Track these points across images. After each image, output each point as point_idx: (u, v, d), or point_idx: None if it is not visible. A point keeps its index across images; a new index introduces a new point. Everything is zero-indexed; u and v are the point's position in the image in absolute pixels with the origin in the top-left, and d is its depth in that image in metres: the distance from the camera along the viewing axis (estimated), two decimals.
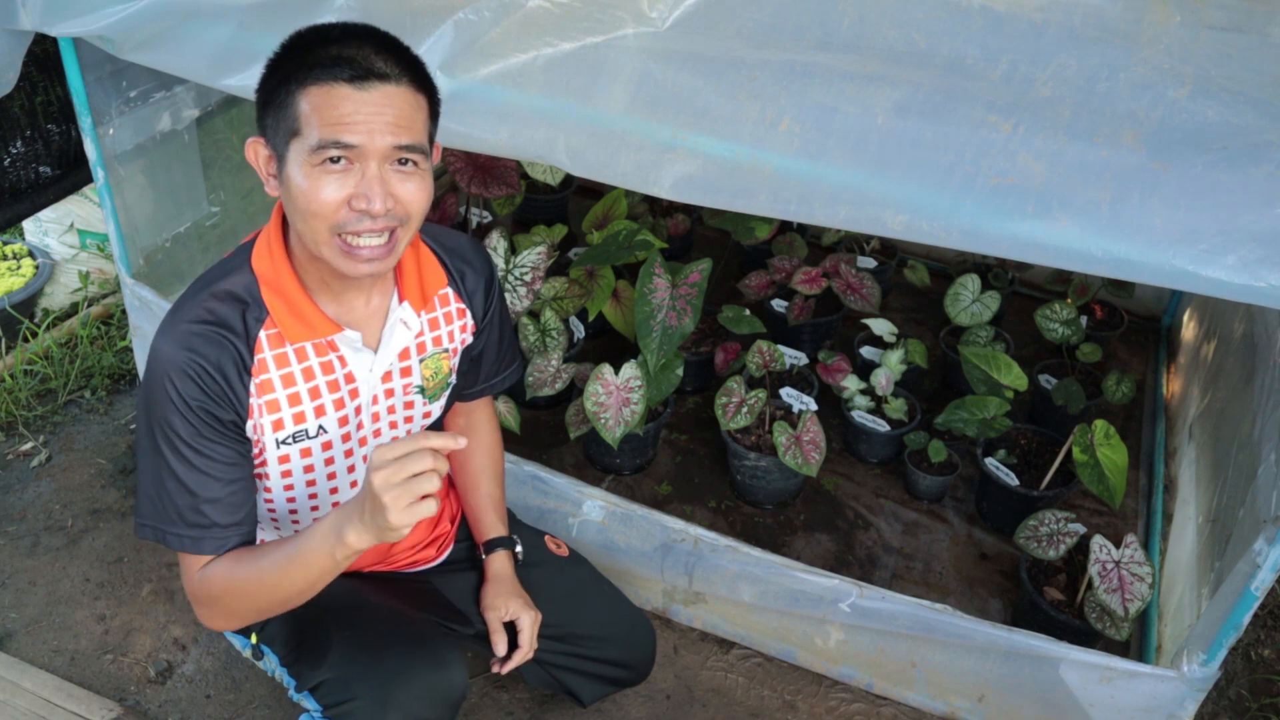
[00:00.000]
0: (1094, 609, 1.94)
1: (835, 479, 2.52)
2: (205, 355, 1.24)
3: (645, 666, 1.76)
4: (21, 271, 2.95)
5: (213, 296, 1.27)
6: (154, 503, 1.28)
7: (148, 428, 1.26)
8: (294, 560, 1.23)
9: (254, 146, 1.24)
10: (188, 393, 1.23)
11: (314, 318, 1.30)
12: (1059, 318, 2.71)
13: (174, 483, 1.26)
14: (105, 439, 2.55)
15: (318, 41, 1.17)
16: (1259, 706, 2.08)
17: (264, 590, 1.27)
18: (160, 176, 2.37)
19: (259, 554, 1.29)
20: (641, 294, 2.28)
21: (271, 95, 1.19)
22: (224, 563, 1.30)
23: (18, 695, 1.90)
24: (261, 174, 1.25)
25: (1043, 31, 1.29)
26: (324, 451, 1.39)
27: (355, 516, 1.16)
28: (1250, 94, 1.22)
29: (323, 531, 1.21)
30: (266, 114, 1.20)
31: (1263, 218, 1.21)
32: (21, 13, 1.81)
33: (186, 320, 1.25)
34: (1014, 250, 1.32)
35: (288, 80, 1.16)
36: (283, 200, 1.24)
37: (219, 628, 1.36)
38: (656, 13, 1.42)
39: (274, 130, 1.20)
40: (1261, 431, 1.87)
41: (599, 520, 2.03)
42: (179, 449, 1.25)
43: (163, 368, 1.23)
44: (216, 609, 1.32)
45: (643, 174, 1.50)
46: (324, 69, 1.15)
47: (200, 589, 1.30)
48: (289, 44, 1.19)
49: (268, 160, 1.23)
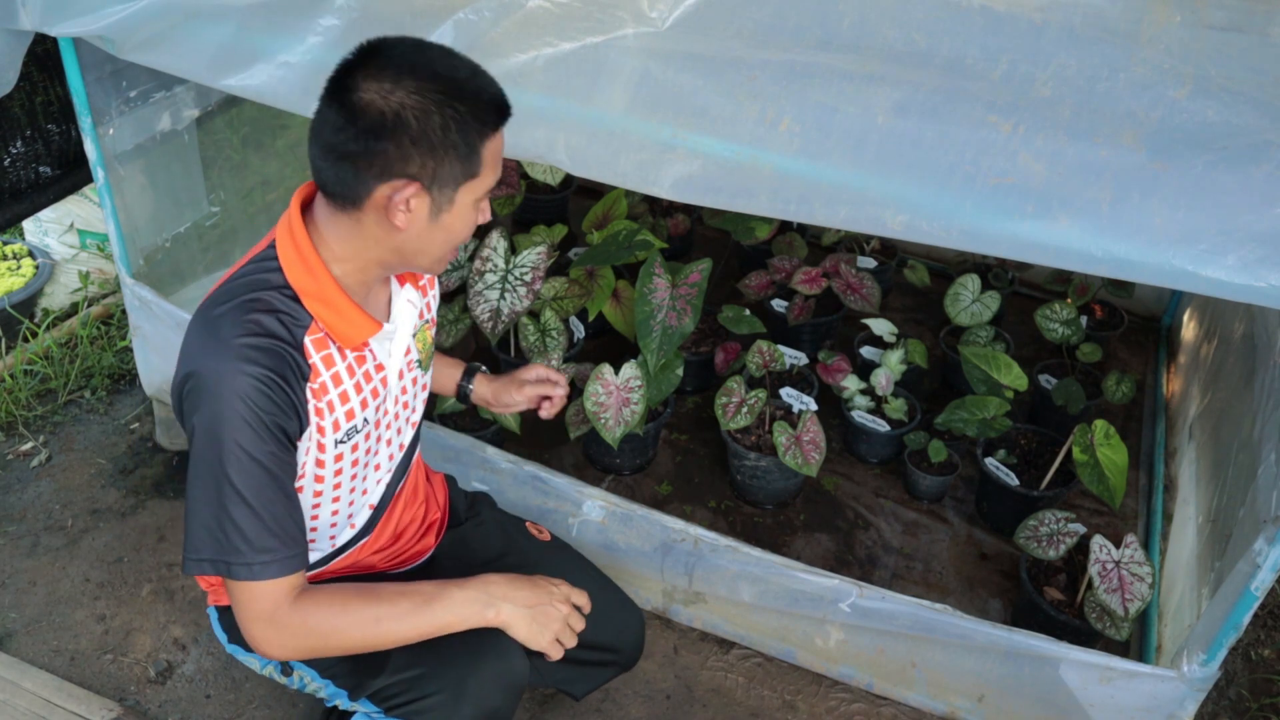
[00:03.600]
0: (1094, 609, 1.94)
1: (835, 479, 2.52)
2: (270, 367, 1.22)
3: (634, 650, 1.75)
4: (21, 271, 2.95)
5: (253, 311, 1.25)
6: (214, 535, 1.23)
7: (213, 457, 1.21)
8: (423, 610, 1.32)
9: (397, 191, 1.19)
10: (261, 407, 1.21)
11: (360, 320, 1.32)
12: (1059, 318, 2.71)
13: (242, 509, 1.22)
14: (105, 439, 2.55)
15: (482, 85, 1.21)
16: (1259, 706, 2.08)
17: (372, 634, 1.30)
18: (160, 176, 2.37)
19: (372, 597, 1.31)
20: (641, 294, 2.28)
21: (444, 140, 1.18)
22: (325, 601, 1.28)
23: (18, 695, 1.90)
24: (389, 212, 1.22)
25: (1043, 31, 1.29)
26: (365, 442, 1.42)
27: (523, 604, 1.37)
28: (1250, 94, 1.22)
29: (469, 595, 1.35)
30: (430, 158, 1.18)
31: (1263, 218, 1.21)
32: (21, 13, 1.81)
33: (236, 337, 1.22)
34: (1014, 250, 1.32)
35: (469, 129, 1.19)
36: (412, 230, 1.24)
37: (288, 657, 1.31)
38: (656, 13, 1.42)
39: (440, 173, 1.20)
40: (1261, 431, 1.87)
41: (599, 520, 2.03)
42: (248, 471, 1.22)
43: (229, 388, 1.20)
44: (304, 641, 1.29)
45: (643, 174, 1.50)
46: (500, 116, 1.22)
47: (293, 620, 1.27)
48: (452, 90, 1.18)
49: (413, 199, 1.21)
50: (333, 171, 1.21)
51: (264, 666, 1.57)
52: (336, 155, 1.19)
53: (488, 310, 2.34)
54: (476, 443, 2.11)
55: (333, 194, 1.24)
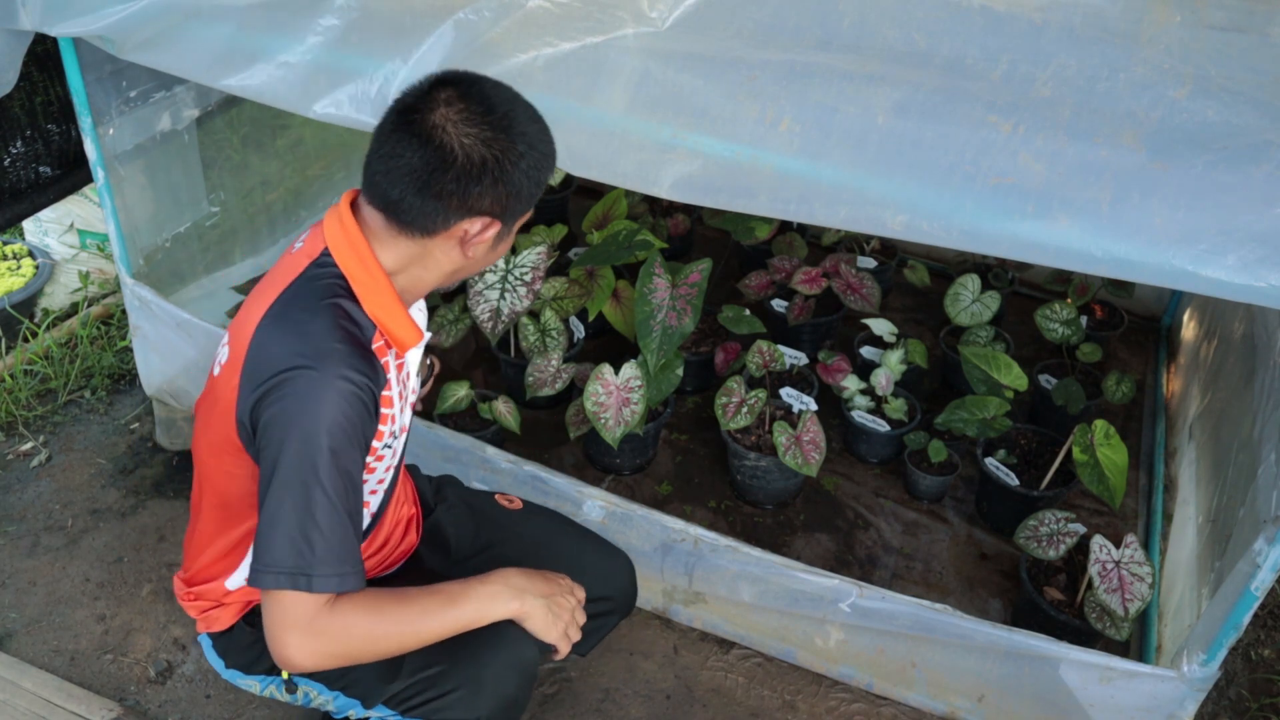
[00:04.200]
0: (1094, 609, 1.94)
1: (835, 479, 2.52)
2: (367, 375, 1.24)
3: (628, 595, 1.75)
4: (21, 271, 2.95)
5: (340, 318, 1.26)
6: (296, 545, 1.21)
7: (308, 463, 1.20)
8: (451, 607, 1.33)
9: (477, 227, 1.27)
10: (357, 415, 1.22)
11: (412, 329, 1.36)
12: (1059, 318, 2.70)
13: (330, 518, 1.22)
14: (105, 439, 2.55)
15: (547, 133, 1.30)
16: (1259, 706, 2.08)
17: (407, 635, 1.30)
18: (160, 176, 2.37)
19: (402, 599, 1.31)
20: (641, 294, 2.28)
21: (527, 184, 1.27)
22: (361, 606, 1.26)
23: (18, 695, 1.90)
24: (464, 244, 1.30)
25: (1043, 31, 1.29)
26: (391, 448, 1.43)
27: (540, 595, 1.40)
28: (1250, 94, 1.22)
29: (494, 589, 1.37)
30: (515, 199, 1.27)
31: (1263, 218, 1.21)
32: (21, 13, 1.80)
33: (334, 342, 1.23)
34: (1014, 250, 1.32)
35: (542, 174, 1.29)
36: (475, 258, 1.32)
37: (317, 666, 1.26)
38: (656, 13, 1.42)
39: (515, 209, 1.29)
40: (1261, 431, 1.87)
41: (599, 520, 2.03)
42: (339, 481, 1.22)
43: (332, 394, 1.20)
44: (340, 648, 1.26)
45: (643, 174, 1.50)
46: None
47: (332, 627, 1.24)
48: (533, 138, 1.26)
49: (487, 232, 1.29)
50: (415, 206, 1.24)
51: (265, 688, 1.56)
52: (426, 193, 1.23)
53: (488, 310, 2.34)
54: (476, 443, 2.11)
55: (407, 222, 1.26)
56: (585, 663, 2.04)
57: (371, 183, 1.26)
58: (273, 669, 1.53)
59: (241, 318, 1.32)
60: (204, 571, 1.49)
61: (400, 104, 1.24)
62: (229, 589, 1.49)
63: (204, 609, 1.52)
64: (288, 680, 1.53)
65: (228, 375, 1.29)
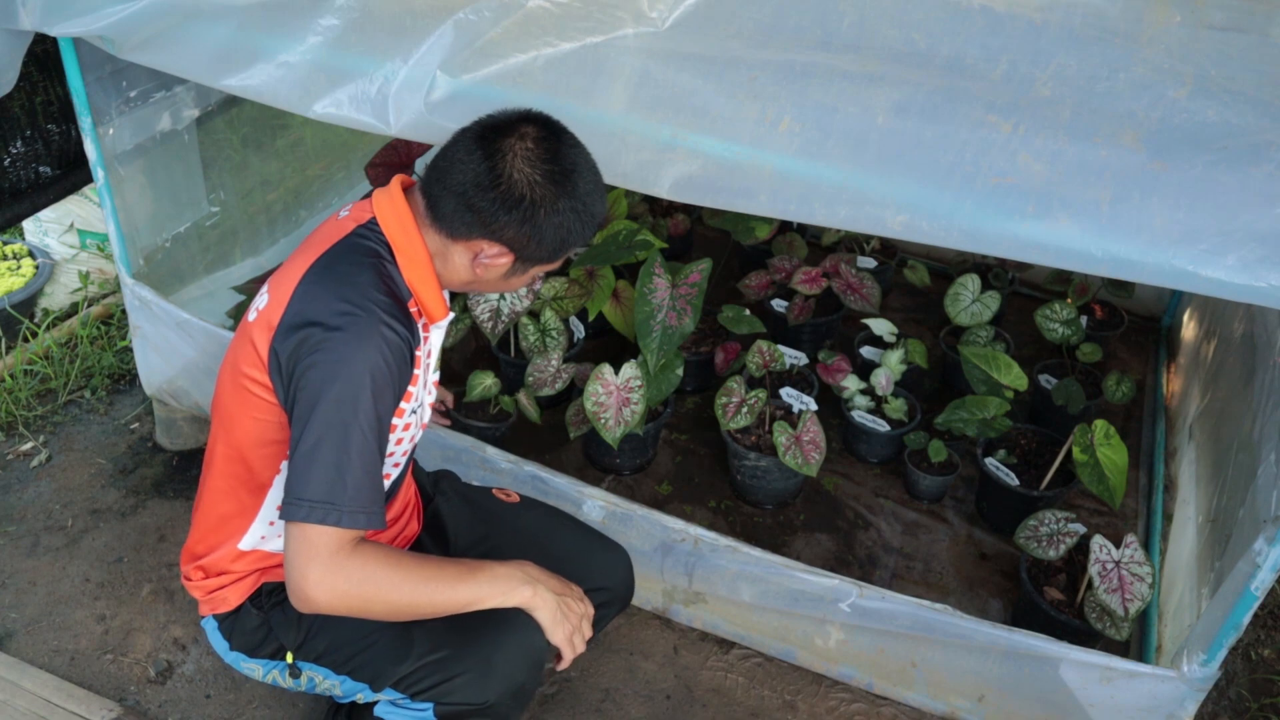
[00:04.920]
0: (1094, 609, 1.94)
1: (835, 479, 2.52)
2: (408, 328, 1.32)
3: (625, 586, 1.76)
4: (21, 271, 2.95)
5: (382, 274, 1.34)
6: (330, 479, 1.25)
7: (349, 405, 1.25)
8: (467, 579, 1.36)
9: (492, 252, 1.35)
10: (395, 366, 1.29)
11: (442, 304, 1.43)
12: (1059, 318, 2.71)
13: (364, 458, 1.27)
14: (105, 439, 2.55)
15: (600, 209, 1.37)
16: (1259, 706, 2.08)
17: (420, 594, 1.32)
18: (160, 176, 2.37)
19: (422, 559, 1.35)
20: (641, 294, 2.28)
21: (552, 237, 1.34)
22: (383, 555, 1.31)
23: (18, 695, 1.90)
24: (476, 262, 1.37)
25: (1043, 31, 1.29)
26: (414, 420, 1.48)
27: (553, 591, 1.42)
28: (1250, 94, 1.22)
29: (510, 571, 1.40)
30: (534, 244, 1.34)
31: (1263, 218, 1.21)
32: (21, 13, 1.80)
33: (377, 293, 1.30)
34: (1014, 250, 1.32)
35: (571, 238, 1.36)
36: (485, 277, 1.40)
37: (332, 606, 1.28)
38: (656, 13, 1.42)
39: (530, 252, 1.35)
40: (1261, 431, 1.87)
41: (599, 520, 2.03)
42: (374, 426, 1.27)
43: (375, 341, 1.26)
44: (357, 588, 1.28)
45: (643, 174, 1.50)
46: (594, 235, 1.41)
47: (352, 564, 1.27)
48: (582, 205, 1.34)
49: (499, 257, 1.36)
50: (451, 207, 1.33)
51: (267, 672, 1.57)
52: (464, 201, 1.31)
53: (488, 310, 2.34)
54: (477, 443, 2.11)
55: (439, 216, 1.35)
56: (585, 663, 2.04)
57: (432, 172, 1.35)
58: (277, 653, 1.54)
59: (284, 270, 1.38)
60: (215, 533, 1.50)
61: (490, 120, 1.33)
62: (241, 550, 1.50)
63: (211, 589, 1.53)
64: (291, 665, 1.54)
65: (267, 318, 1.34)
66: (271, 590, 1.53)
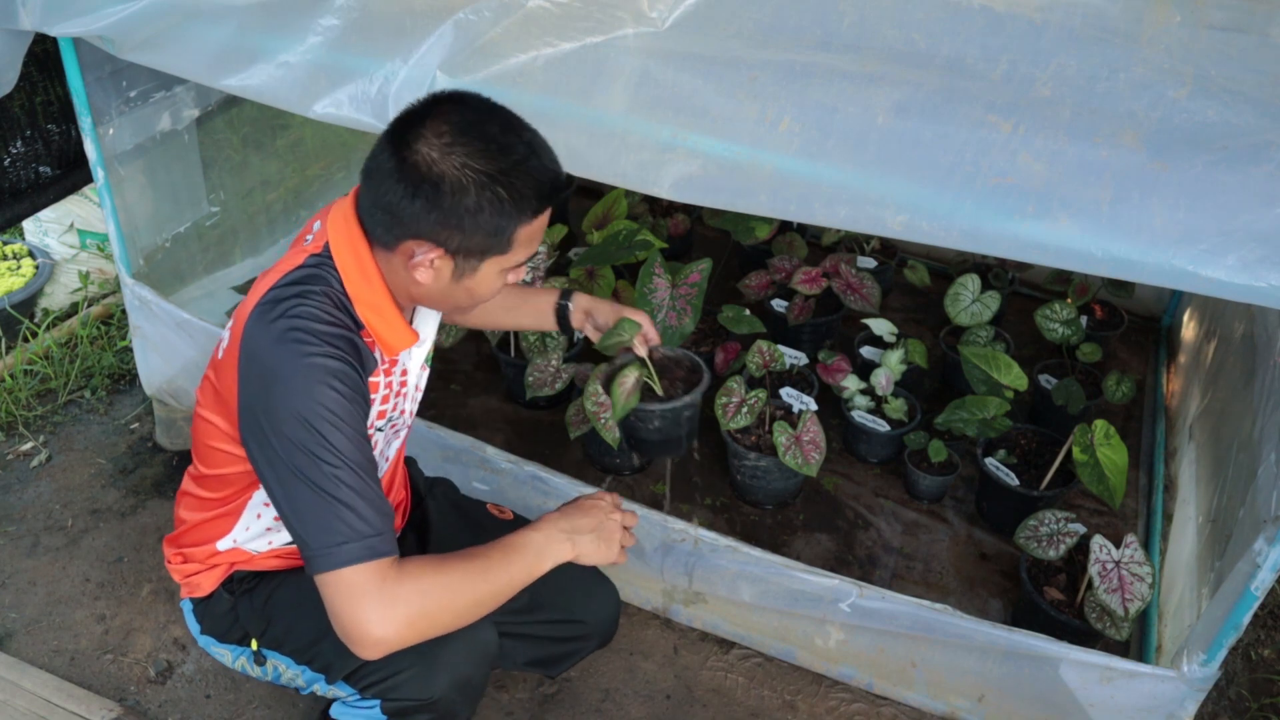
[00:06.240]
0: (1094, 609, 1.94)
1: (835, 479, 2.52)
2: (351, 358, 1.25)
3: (605, 624, 1.73)
4: (21, 271, 2.95)
5: (324, 311, 1.26)
6: (333, 522, 1.20)
7: (300, 449, 1.20)
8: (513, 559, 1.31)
9: (421, 251, 1.23)
10: (345, 391, 1.22)
11: (405, 332, 1.36)
12: (1059, 318, 2.70)
13: (347, 490, 1.21)
14: (105, 439, 2.55)
15: (534, 167, 1.21)
16: (1259, 706, 2.08)
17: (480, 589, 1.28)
18: (160, 176, 2.37)
19: (464, 557, 1.29)
20: (641, 294, 2.28)
21: (473, 221, 1.20)
22: (425, 566, 1.25)
23: (18, 695, 1.90)
24: (407, 264, 1.25)
25: (1043, 31, 1.29)
26: (383, 437, 1.45)
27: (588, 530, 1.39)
28: (1250, 94, 1.22)
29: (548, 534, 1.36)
30: (455, 231, 1.20)
31: (1263, 218, 1.21)
32: (21, 13, 1.81)
33: (316, 326, 1.23)
34: (1014, 250, 1.32)
35: (504, 214, 1.20)
36: (434, 287, 1.28)
37: (402, 637, 1.22)
38: (656, 13, 1.42)
39: (465, 244, 1.22)
40: (1261, 431, 1.87)
41: None
42: (349, 448, 1.21)
43: (321, 377, 1.20)
44: (419, 607, 1.23)
45: (643, 174, 1.50)
46: (543, 200, 1.22)
47: (403, 589, 1.21)
48: (499, 170, 1.18)
49: (437, 260, 1.24)
50: (369, 212, 1.25)
51: (235, 659, 1.57)
52: (377, 201, 1.23)
53: None
54: (476, 443, 2.11)
55: (369, 231, 1.28)
56: (585, 662, 2.04)
57: (361, 185, 1.28)
58: (243, 639, 1.54)
59: (243, 303, 1.34)
60: (196, 533, 1.51)
61: (401, 113, 1.23)
62: (219, 550, 1.51)
63: (189, 574, 1.54)
64: (256, 652, 1.53)
65: (229, 360, 1.31)
66: (243, 578, 1.53)
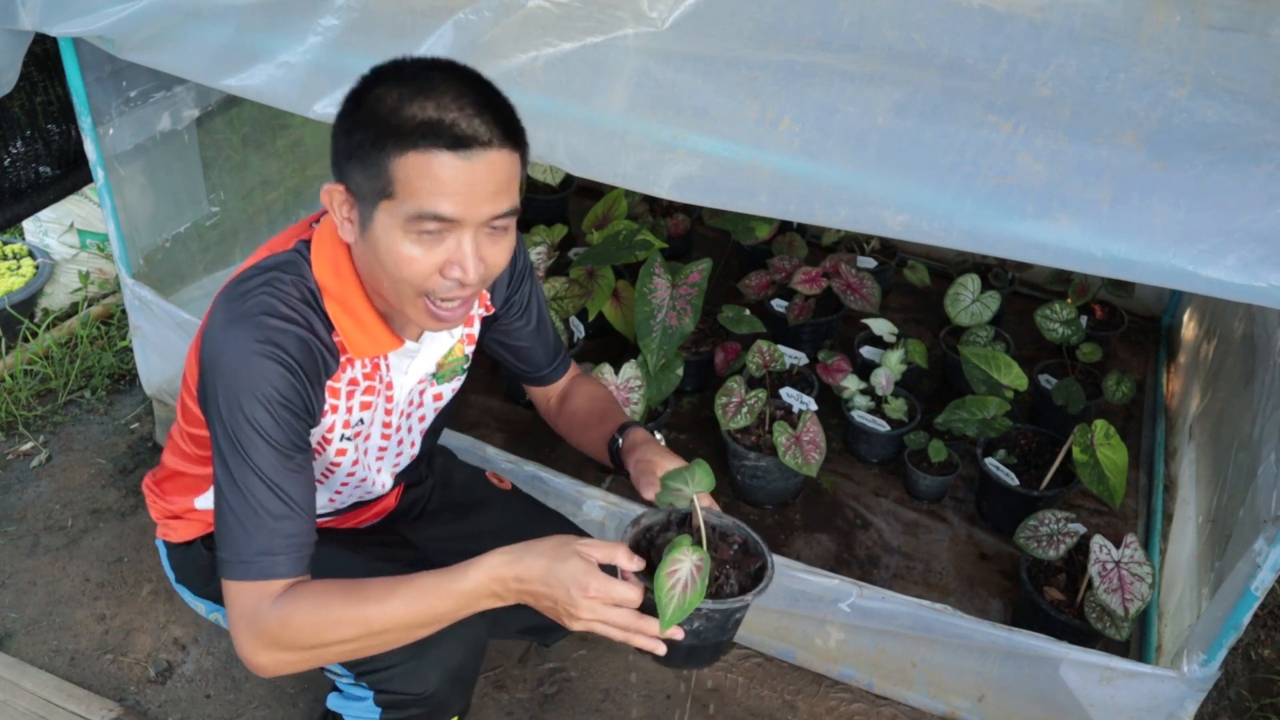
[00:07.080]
0: (1094, 609, 1.94)
1: (835, 479, 2.52)
2: (299, 355, 1.19)
3: None
4: (21, 271, 2.95)
5: (284, 303, 1.20)
6: (232, 533, 1.17)
7: (227, 437, 1.16)
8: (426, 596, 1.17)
9: (331, 192, 1.16)
10: (288, 388, 1.17)
11: (381, 335, 1.28)
12: (1059, 318, 2.70)
13: (252, 502, 1.16)
14: (105, 439, 2.55)
15: (414, 93, 1.08)
16: (1259, 706, 2.08)
17: (359, 628, 1.18)
18: (160, 176, 2.37)
19: (354, 590, 1.18)
20: (641, 294, 2.28)
21: (358, 149, 1.10)
22: (306, 597, 1.17)
23: (18, 695, 1.90)
24: (336, 218, 1.18)
25: (1043, 31, 1.29)
26: (364, 443, 1.41)
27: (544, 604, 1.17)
28: (1250, 94, 1.22)
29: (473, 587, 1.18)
30: (351, 165, 1.12)
31: (1263, 218, 1.21)
32: (21, 13, 1.81)
33: (272, 317, 1.17)
34: (1014, 250, 1.32)
35: (382, 140, 1.08)
36: (363, 250, 1.18)
37: (277, 670, 1.19)
38: (656, 13, 1.42)
39: (358, 183, 1.12)
40: (1261, 431, 1.87)
41: (599, 520, 2.03)
42: (255, 461, 1.16)
43: (262, 366, 1.15)
44: (284, 644, 1.18)
45: (643, 174, 1.49)
46: (424, 136, 1.06)
47: (268, 621, 1.16)
48: (379, 90, 1.09)
49: (347, 206, 1.16)
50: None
51: (210, 613, 1.56)
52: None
53: None
54: (476, 443, 2.11)
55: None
56: (585, 663, 2.04)
57: None
58: (219, 597, 1.47)
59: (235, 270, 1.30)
60: (177, 481, 1.50)
61: None
62: (196, 507, 1.49)
63: (166, 515, 1.51)
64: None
65: (194, 346, 1.29)
66: None
